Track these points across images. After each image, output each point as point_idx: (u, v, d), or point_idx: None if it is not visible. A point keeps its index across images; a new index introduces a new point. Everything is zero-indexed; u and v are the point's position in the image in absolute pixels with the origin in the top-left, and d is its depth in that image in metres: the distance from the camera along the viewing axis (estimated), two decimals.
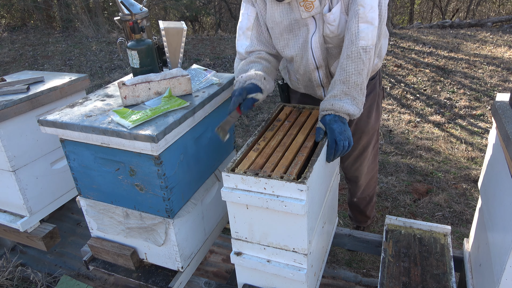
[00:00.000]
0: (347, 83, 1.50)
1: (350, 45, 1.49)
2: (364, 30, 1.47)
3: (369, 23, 1.47)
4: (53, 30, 9.42)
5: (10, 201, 2.23)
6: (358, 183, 2.25)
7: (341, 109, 1.49)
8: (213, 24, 11.89)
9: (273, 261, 1.48)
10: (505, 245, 1.23)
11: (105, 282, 2.37)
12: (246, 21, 1.73)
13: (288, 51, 1.72)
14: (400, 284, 1.70)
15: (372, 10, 1.46)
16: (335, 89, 1.52)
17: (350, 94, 1.50)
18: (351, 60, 1.49)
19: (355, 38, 1.47)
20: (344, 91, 1.50)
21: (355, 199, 2.38)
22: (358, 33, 1.47)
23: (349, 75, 1.49)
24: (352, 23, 1.49)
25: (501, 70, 5.37)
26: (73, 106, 1.71)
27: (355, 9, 1.47)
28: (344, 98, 1.50)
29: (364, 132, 2.01)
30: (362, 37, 1.47)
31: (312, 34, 1.64)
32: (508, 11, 10.53)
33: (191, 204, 1.74)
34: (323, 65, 1.72)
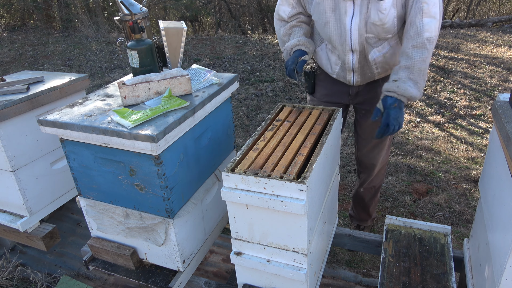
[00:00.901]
0: (412, 69, 1.66)
1: (416, 37, 1.65)
2: (428, 23, 1.63)
3: (433, 17, 1.64)
4: (53, 30, 9.42)
5: (10, 201, 2.23)
6: (373, 170, 2.31)
7: (404, 91, 1.64)
8: (213, 24, 11.89)
9: (273, 261, 1.48)
10: (505, 245, 1.23)
11: (105, 282, 2.37)
12: None
13: (328, 30, 1.83)
14: (400, 284, 1.70)
15: (434, 6, 1.63)
16: (399, 73, 1.68)
17: (413, 79, 1.66)
18: (417, 49, 1.65)
19: (421, 31, 1.64)
20: (409, 76, 1.66)
21: (362, 189, 2.42)
22: (423, 26, 1.63)
23: (415, 62, 1.65)
24: (416, 18, 1.64)
25: (501, 70, 5.37)
26: (73, 106, 1.71)
27: (420, 6, 1.63)
28: (408, 81, 1.65)
29: None
30: (427, 29, 1.63)
31: (351, 18, 1.75)
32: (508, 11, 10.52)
33: (191, 204, 1.74)
34: (357, 50, 1.83)
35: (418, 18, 1.63)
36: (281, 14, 1.96)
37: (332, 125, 1.64)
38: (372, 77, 1.96)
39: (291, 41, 1.91)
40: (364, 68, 1.90)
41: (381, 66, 1.88)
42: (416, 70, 1.65)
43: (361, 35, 1.77)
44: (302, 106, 1.85)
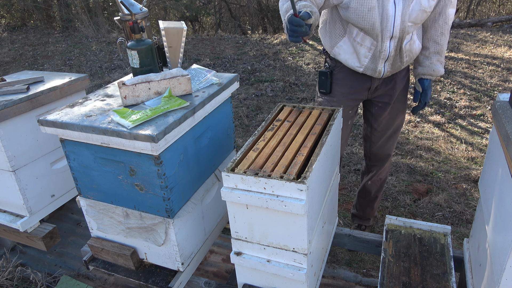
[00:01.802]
0: (441, 53, 2.01)
1: (444, 25, 1.93)
2: (452, 13, 1.92)
3: (454, 7, 1.91)
4: (53, 30, 9.42)
5: (10, 201, 2.23)
6: (387, 161, 2.38)
7: (438, 73, 2.04)
8: (213, 24, 11.89)
9: (273, 261, 1.48)
10: (505, 245, 1.23)
11: (105, 282, 2.37)
12: None
13: (372, 16, 1.79)
14: (400, 284, 1.70)
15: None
16: (432, 58, 2.01)
17: (441, 60, 2.03)
18: (444, 36, 1.96)
19: (448, 20, 1.92)
20: (438, 59, 2.02)
21: (369, 182, 2.45)
22: (449, 16, 1.91)
23: (442, 47, 1.99)
24: (446, 8, 1.89)
25: (501, 70, 5.37)
26: (73, 106, 1.71)
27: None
28: (438, 63, 2.02)
29: (400, 111, 2.21)
30: (451, 18, 1.92)
31: (393, 4, 1.77)
32: (508, 11, 10.51)
33: (191, 204, 1.74)
34: (397, 37, 1.85)
35: (448, 8, 1.88)
36: None
37: (332, 125, 1.64)
38: (399, 67, 2.00)
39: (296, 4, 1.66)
40: (396, 58, 1.94)
41: (408, 55, 1.95)
42: (443, 53, 2.00)
43: (403, 21, 1.80)
44: (302, 106, 1.85)
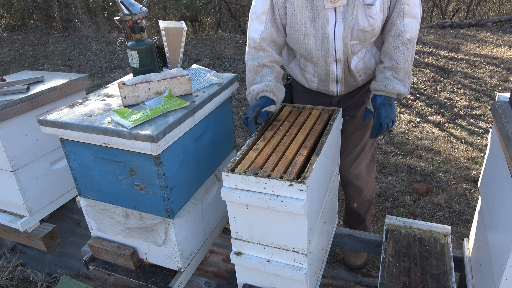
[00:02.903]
0: (396, 69, 1.70)
1: (397, 37, 1.67)
2: (409, 24, 1.65)
3: (413, 17, 1.66)
4: (53, 30, 9.42)
5: (10, 201, 2.23)
6: (358, 182, 2.17)
7: (392, 89, 1.69)
8: (213, 24, 11.89)
9: (273, 261, 1.48)
10: (505, 245, 1.23)
11: (105, 282, 2.37)
12: (261, 5, 1.69)
13: (308, 41, 1.71)
14: (400, 284, 1.70)
15: (415, 6, 1.65)
16: (385, 72, 1.71)
17: (399, 78, 1.71)
18: (399, 50, 1.68)
19: (402, 32, 1.66)
20: (394, 76, 1.70)
21: (355, 205, 2.27)
22: (404, 27, 1.66)
23: (398, 63, 1.69)
24: (397, 19, 1.66)
25: (501, 70, 5.37)
26: (73, 106, 1.71)
27: (401, 7, 1.64)
28: (394, 80, 1.70)
29: (368, 127, 2.02)
30: (408, 30, 1.66)
31: (333, 27, 1.66)
32: (508, 11, 10.52)
33: (191, 204, 1.74)
34: (342, 60, 1.75)
35: (399, 18, 1.65)
36: (253, 36, 1.71)
37: (332, 125, 1.64)
38: (356, 85, 1.90)
39: (257, 85, 1.70)
40: (348, 78, 1.84)
41: (363, 73, 1.83)
42: (400, 70, 1.69)
43: (346, 43, 1.69)
44: (302, 106, 1.85)
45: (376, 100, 1.72)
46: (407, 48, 1.68)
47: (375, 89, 1.73)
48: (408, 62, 1.70)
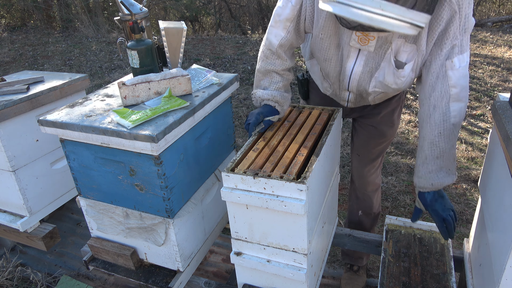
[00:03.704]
0: (442, 158, 1.50)
1: (442, 123, 1.46)
2: (456, 109, 1.45)
3: (461, 101, 1.46)
4: (53, 30, 9.42)
5: (10, 201, 2.23)
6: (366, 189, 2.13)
7: (440, 185, 1.51)
8: (213, 24, 11.89)
9: (273, 261, 1.48)
10: (505, 245, 1.23)
11: (105, 282, 2.37)
12: (288, 10, 1.55)
13: (328, 65, 1.64)
14: (400, 284, 1.70)
15: (463, 90, 1.45)
16: (429, 164, 1.51)
17: (445, 166, 1.51)
18: (444, 137, 1.47)
19: (448, 117, 1.45)
20: (440, 165, 1.50)
21: (360, 212, 2.19)
22: (450, 112, 1.45)
23: (443, 151, 1.49)
24: (442, 101, 1.45)
25: (501, 70, 5.37)
26: (73, 106, 1.71)
27: (446, 90, 1.43)
28: (440, 171, 1.50)
29: (385, 136, 1.95)
30: (454, 115, 1.46)
31: (353, 64, 1.56)
32: (508, 11, 10.52)
33: (191, 204, 1.74)
34: (355, 92, 1.69)
35: (444, 102, 1.44)
36: (272, 40, 1.62)
37: (332, 125, 1.64)
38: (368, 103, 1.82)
39: (263, 92, 1.65)
40: (360, 101, 1.79)
41: (379, 99, 1.75)
42: (446, 158, 1.49)
43: (361, 84, 1.61)
44: (302, 106, 1.85)
45: (425, 198, 1.54)
46: (452, 134, 1.48)
47: (420, 187, 1.55)
48: (454, 147, 1.51)
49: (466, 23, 1.37)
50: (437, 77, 1.44)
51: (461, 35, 1.38)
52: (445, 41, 1.38)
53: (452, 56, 1.40)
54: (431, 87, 1.46)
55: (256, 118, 1.59)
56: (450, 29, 1.36)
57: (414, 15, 1.17)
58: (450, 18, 1.34)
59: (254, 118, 1.59)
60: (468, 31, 1.39)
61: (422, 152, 1.53)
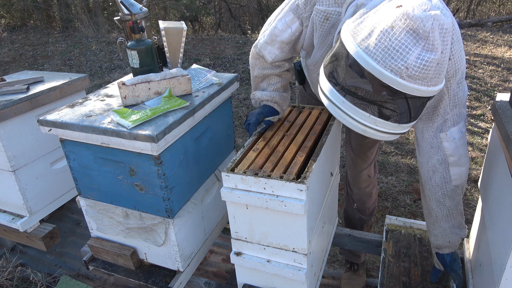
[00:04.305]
0: (451, 216, 1.54)
1: (443, 184, 1.49)
2: (457, 173, 1.48)
3: (461, 166, 1.48)
4: (53, 30, 9.42)
5: (10, 201, 2.23)
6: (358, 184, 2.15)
7: (457, 241, 1.57)
8: (213, 24, 11.89)
9: (273, 261, 1.48)
10: (505, 245, 1.23)
11: (105, 282, 2.37)
12: (287, 35, 1.57)
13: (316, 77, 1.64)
14: (400, 284, 1.70)
15: (462, 157, 1.47)
16: (441, 222, 1.55)
17: (456, 223, 1.55)
18: (448, 197, 1.51)
19: (449, 180, 1.48)
20: (452, 225, 1.55)
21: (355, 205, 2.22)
22: (450, 176, 1.48)
23: (451, 209, 1.53)
24: (441, 166, 1.47)
25: (501, 70, 5.37)
26: (73, 106, 1.71)
27: (444, 158, 1.46)
28: (453, 228, 1.55)
29: None
30: (455, 179, 1.48)
31: None
32: (508, 11, 10.51)
33: (191, 204, 1.74)
34: None
35: (443, 167, 1.47)
36: (265, 55, 1.63)
37: (332, 125, 1.64)
38: None
39: (262, 93, 1.66)
40: None
41: None
42: (455, 214, 1.54)
43: None
44: (302, 106, 1.85)
45: (444, 259, 1.60)
46: (456, 193, 1.51)
47: (438, 247, 1.60)
48: (461, 204, 1.54)
49: (457, 99, 1.40)
50: (431, 146, 1.47)
51: (452, 110, 1.41)
52: (436, 116, 1.42)
53: (446, 129, 1.43)
54: (427, 154, 1.49)
55: (256, 118, 1.60)
56: (440, 106, 1.39)
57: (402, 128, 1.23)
58: (440, 97, 1.37)
59: (254, 118, 1.61)
60: (460, 105, 1.42)
61: (432, 211, 1.56)
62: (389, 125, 1.20)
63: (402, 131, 1.25)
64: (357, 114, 1.18)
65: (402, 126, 1.22)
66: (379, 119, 1.18)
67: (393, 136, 1.26)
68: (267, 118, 1.63)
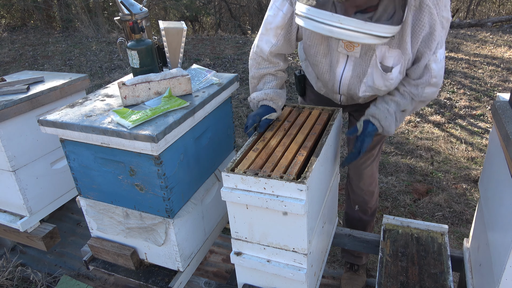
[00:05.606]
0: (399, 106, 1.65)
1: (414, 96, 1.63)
2: (429, 92, 1.62)
3: (435, 87, 1.62)
4: (53, 30, 9.43)
5: (10, 201, 2.23)
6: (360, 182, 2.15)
7: (387, 127, 1.64)
8: (213, 24, 11.89)
9: (273, 261, 1.48)
10: (505, 245, 1.23)
11: (105, 282, 2.37)
12: (279, 19, 1.62)
13: (317, 70, 1.73)
14: (398, 284, 1.71)
15: (440, 78, 1.61)
16: (389, 105, 1.64)
17: (398, 117, 1.66)
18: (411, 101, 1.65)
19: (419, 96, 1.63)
20: (395, 111, 1.64)
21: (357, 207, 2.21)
22: (423, 93, 1.62)
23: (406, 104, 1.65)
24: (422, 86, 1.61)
25: (501, 70, 5.37)
26: (73, 106, 1.71)
27: (428, 79, 1.58)
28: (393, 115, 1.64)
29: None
30: (425, 96, 1.63)
31: (342, 69, 1.65)
32: (508, 11, 10.52)
33: (191, 204, 1.74)
34: (345, 94, 1.78)
35: (423, 87, 1.61)
36: (263, 47, 1.68)
37: (332, 125, 1.64)
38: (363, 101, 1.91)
39: (258, 93, 1.71)
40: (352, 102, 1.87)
41: (369, 98, 1.83)
42: (401, 109, 1.65)
43: (351, 89, 1.69)
44: (302, 106, 1.85)
45: (368, 127, 1.64)
46: (417, 107, 1.71)
47: (372, 115, 1.65)
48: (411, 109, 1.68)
49: (445, 23, 1.52)
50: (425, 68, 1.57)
51: (441, 32, 1.52)
52: (432, 42, 1.51)
53: (436, 50, 1.53)
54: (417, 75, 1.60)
55: (253, 120, 1.65)
56: (435, 32, 1.49)
57: (373, 27, 1.29)
58: (433, 23, 1.47)
59: (251, 121, 1.65)
60: (447, 29, 1.55)
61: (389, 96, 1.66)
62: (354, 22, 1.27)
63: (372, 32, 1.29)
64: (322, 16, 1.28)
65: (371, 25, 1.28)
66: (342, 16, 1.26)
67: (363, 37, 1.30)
68: (264, 117, 1.65)
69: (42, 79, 2.33)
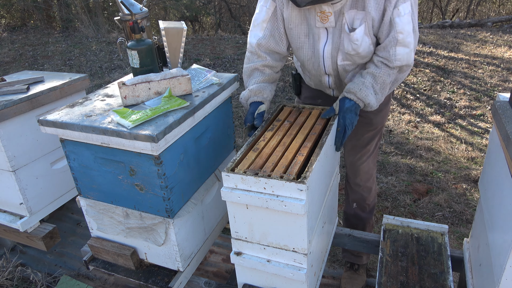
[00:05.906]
0: (376, 79, 1.65)
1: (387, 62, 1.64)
2: (401, 53, 1.62)
3: (406, 46, 1.61)
4: (53, 30, 9.42)
5: (10, 201, 2.23)
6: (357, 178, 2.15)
7: (364, 98, 1.64)
8: (213, 24, 11.89)
9: (273, 261, 1.48)
10: (505, 245, 1.23)
11: (105, 282, 2.37)
12: (263, 13, 1.74)
13: (301, 53, 1.78)
14: (398, 283, 1.71)
15: (409, 35, 1.61)
16: (365, 77, 1.66)
17: (376, 89, 1.66)
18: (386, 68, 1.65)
19: (392, 59, 1.63)
20: (372, 84, 1.65)
21: (355, 205, 2.22)
22: (395, 55, 1.62)
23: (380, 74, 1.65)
24: (390, 46, 1.62)
25: (501, 70, 5.37)
26: (73, 106, 1.71)
27: (394, 36, 1.59)
28: (370, 88, 1.65)
29: (372, 124, 2.01)
30: (399, 58, 1.62)
31: (324, 44, 1.71)
32: (508, 11, 10.52)
33: (191, 204, 1.74)
34: (332, 74, 1.80)
35: (392, 46, 1.61)
36: (251, 41, 1.78)
37: (332, 125, 1.64)
38: None
39: (244, 92, 1.79)
40: (342, 86, 1.87)
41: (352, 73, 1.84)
42: (379, 81, 1.65)
43: (334, 62, 1.73)
44: (302, 106, 1.85)
45: (344, 103, 1.66)
46: (393, 73, 1.67)
47: (347, 90, 1.67)
48: (389, 79, 1.67)
49: None
50: (389, 24, 1.59)
51: None
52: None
53: (398, 4, 1.55)
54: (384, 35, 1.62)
55: (248, 120, 1.71)
56: None
57: None
58: None
59: (249, 118, 1.71)
60: None
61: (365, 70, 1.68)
62: None
63: None
64: None
65: None
66: None
67: None
68: (256, 113, 1.72)
69: (42, 79, 2.34)
